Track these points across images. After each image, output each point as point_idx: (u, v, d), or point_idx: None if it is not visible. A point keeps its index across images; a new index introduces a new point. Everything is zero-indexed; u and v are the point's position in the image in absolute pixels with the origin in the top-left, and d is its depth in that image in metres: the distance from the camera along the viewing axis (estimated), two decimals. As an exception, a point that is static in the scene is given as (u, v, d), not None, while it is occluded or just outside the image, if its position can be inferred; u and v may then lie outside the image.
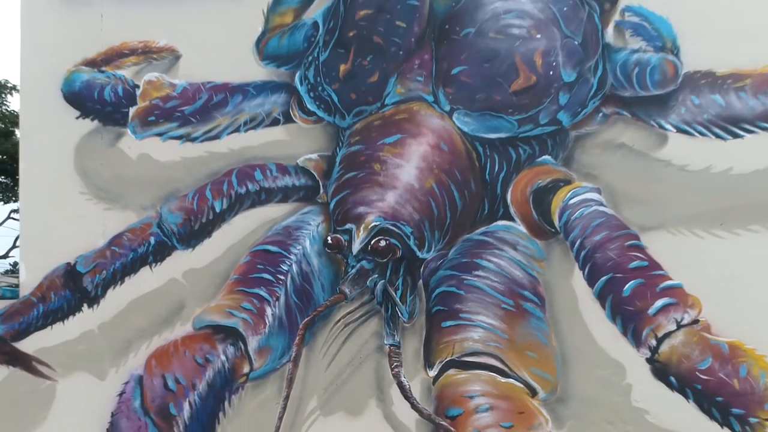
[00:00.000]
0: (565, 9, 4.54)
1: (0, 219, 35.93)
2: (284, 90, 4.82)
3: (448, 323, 4.55)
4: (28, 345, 4.92)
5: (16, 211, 34.41)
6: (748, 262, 4.45)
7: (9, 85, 26.87)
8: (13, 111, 27.68)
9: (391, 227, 4.51)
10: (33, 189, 5.01)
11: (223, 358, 4.71)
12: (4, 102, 27.35)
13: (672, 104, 4.49)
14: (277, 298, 4.72)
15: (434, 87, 4.63)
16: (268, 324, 4.70)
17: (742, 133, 4.46)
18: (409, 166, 4.57)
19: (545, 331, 4.53)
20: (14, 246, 39.10)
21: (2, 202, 33.89)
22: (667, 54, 4.49)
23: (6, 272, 35.22)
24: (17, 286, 5.61)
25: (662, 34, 4.52)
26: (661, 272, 4.43)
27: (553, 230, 4.55)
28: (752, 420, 4.30)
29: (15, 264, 36.61)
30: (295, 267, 4.74)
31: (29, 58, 4.96)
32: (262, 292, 4.72)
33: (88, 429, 4.82)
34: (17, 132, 28.36)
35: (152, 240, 4.83)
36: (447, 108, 4.60)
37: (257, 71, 4.81)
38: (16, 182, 30.54)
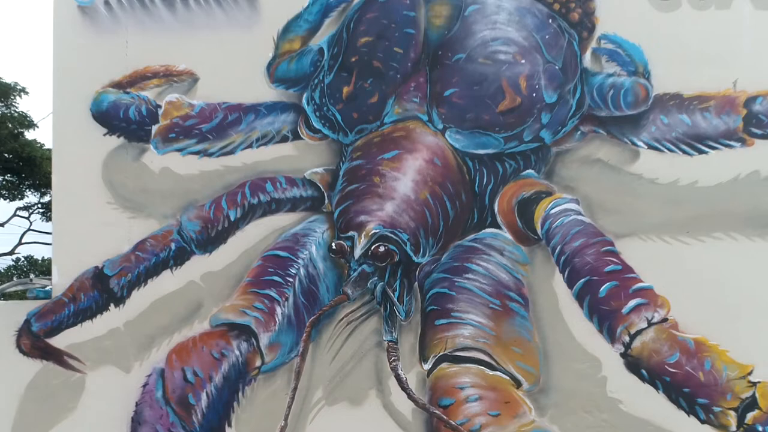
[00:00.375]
0: (546, 37, 4.93)
1: (6, 217, 36.16)
2: (292, 110, 5.20)
3: (441, 321, 4.93)
4: (59, 341, 5.31)
5: (21, 208, 34.67)
6: (712, 266, 4.84)
7: (18, 87, 27.05)
8: (22, 112, 27.81)
9: (389, 234, 4.90)
10: (64, 199, 5.40)
11: (237, 353, 5.09)
12: (13, 104, 27.54)
13: (643, 123, 4.87)
14: (286, 299, 5.10)
15: (428, 107, 5.02)
16: (278, 322, 5.08)
17: (706, 149, 4.85)
18: (405, 179, 4.96)
19: (529, 329, 4.91)
20: (20, 243, 39.38)
21: (8, 200, 34.17)
22: (639, 78, 4.87)
23: (9, 267, 35.42)
24: (31, 288, 6.03)
25: (635, 60, 4.90)
26: (633, 275, 4.82)
27: (536, 237, 4.93)
28: (716, 409, 4.67)
29: (17, 260, 36.83)
30: (302, 270, 5.12)
31: (61, 80, 5.36)
32: (273, 293, 5.11)
33: (115, 417, 5.20)
34: (25, 133, 28.54)
35: (173, 246, 5.22)
36: (440, 126, 4.99)
37: (268, 93, 5.19)
38: (21, 180, 30.77)
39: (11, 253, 41.51)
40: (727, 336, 4.78)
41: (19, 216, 35.37)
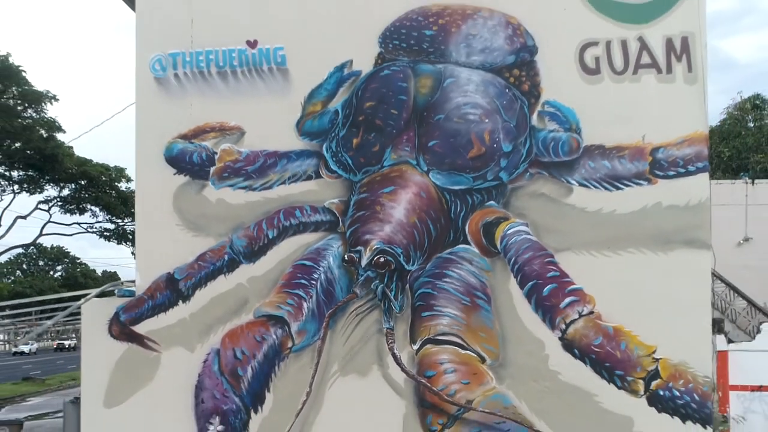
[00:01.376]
0: (504, 102, 6.41)
1: (27, 210, 37.32)
2: (315, 156, 6.64)
3: (426, 314, 6.40)
4: (141, 328, 6.75)
5: (43, 201, 35.94)
6: (626, 273, 6.27)
7: (50, 95, 28.21)
8: (51, 118, 28.99)
9: (387, 249, 6.38)
10: (145, 222, 6.87)
11: (273, 337, 6.57)
12: (43, 110, 28.71)
13: (576, 167, 6.33)
14: (311, 297, 6.57)
15: (417, 154, 6.48)
16: (304, 314, 6.55)
17: (622, 186, 6.31)
18: (399, 208, 6.44)
19: (491, 319, 6.37)
20: (41, 234, 40.59)
21: (29, 194, 35.35)
22: (573, 133, 6.35)
23: (19, 255, 36.59)
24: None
25: (569, 120, 6.36)
26: (568, 279, 6.27)
27: (496, 251, 6.37)
28: (629, 378, 6.12)
29: (38, 245, 37.95)
30: (322, 275, 6.59)
31: (141, 133, 6.82)
32: (301, 293, 6.57)
33: (182, 386, 6.65)
34: (57, 136, 29.84)
35: (226, 257, 6.68)
36: (425, 168, 6.46)
37: (297, 143, 6.63)
38: (41, 175, 32.11)
39: (33, 243, 42.71)
40: (637, 324, 6.21)
41: (40, 209, 36.69)
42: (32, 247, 39.62)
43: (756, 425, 17.78)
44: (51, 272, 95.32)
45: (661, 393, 6.15)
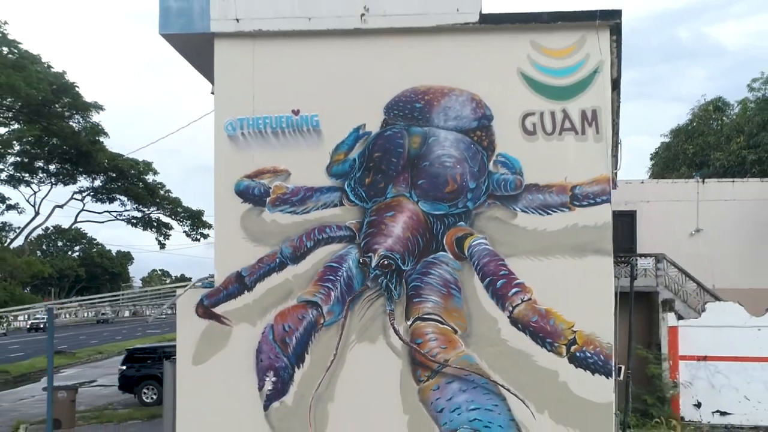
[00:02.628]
0: (470, 154, 8.98)
1: (64, 200, 39.45)
2: (339, 190, 9.20)
3: (416, 299, 9.02)
4: (218, 309, 9.35)
5: (77, 192, 38.21)
6: (553, 272, 8.86)
7: (97, 104, 30.32)
8: (95, 123, 31.18)
9: (389, 255, 8.97)
10: (222, 236, 9.41)
11: (310, 316, 9.13)
12: (88, 117, 30.81)
13: (519, 199, 8.92)
14: (336, 288, 9.13)
15: (410, 189, 9.05)
16: (332, 300, 9.12)
17: (551, 213, 8.89)
18: (398, 226, 9.02)
19: (461, 303, 8.94)
20: (75, 221, 43.01)
21: (63, 185, 37.53)
22: (517, 175, 8.94)
23: (39, 236, 38.37)
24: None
25: (515, 166, 8.94)
26: (514, 276, 8.88)
27: (464, 256, 8.95)
28: (556, 344, 8.74)
29: (47, 229, 40.05)
30: (344, 273, 9.15)
31: (219, 174, 9.35)
32: (329, 285, 9.14)
33: (247, 350, 9.21)
34: (100, 139, 32.13)
35: (277, 260, 9.23)
36: (416, 199, 9.04)
37: (327, 181, 9.21)
38: (76, 167, 34.26)
39: (69, 229, 45.29)
40: (561, 307, 8.88)
41: (75, 199, 38.96)
42: (51, 228, 41.96)
43: (700, 388, 20.51)
44: (69, 252, 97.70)
45: (578, 354, 8.79)
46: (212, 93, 13.32)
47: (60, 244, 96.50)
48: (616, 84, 10.58)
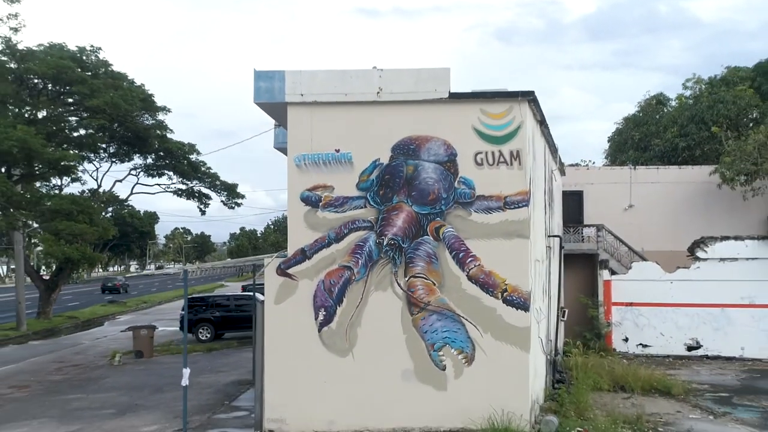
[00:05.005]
0: (443, 177, 14.15)
1: (122, 176, 44.07)
2: (364, 198, 14.34)
3: (410, 265, 14.30)
4: (290, 271, 14.42)
5: (134, 168, 43.16)
6: (493, 248, 14.08)
7: (165, 108, 35.28)
8: (161, 121, 36.11)
9: (394, 238, 14.17)
10: (293, 226, 14.50)
11: (346, 275, 14.37)
12: (156, 116, 35.66)
13: (473, 204, 14.03)
14: (362, 257, 14.33)
15: (407, 198, 14.18)
16: (359, 265, 14.37)
17: (492, 212, 14.01)
18: (399, 221, 14.19)
19: (438, 267, 14.18)
20: (132, 192, 48.21)
21: (120, 162, 42.48)
22: (472, 190, 14.04)
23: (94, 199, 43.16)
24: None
25: (471, 185, 14.05)
26: (471, 251, 14.14)
27: (440, 239, 14.14)
28: (495, 292, 14.07)
29: (93, 190, 45.06)
30: (367, 248, 14.35)
31: (292, 187, 14.36)
32: (358, 256, 14.37)
33: (308, 294, 14.37)
34: (166, 134, 37.02)
35: (326, 240, 14.40)
36: (410, 204, 14.25)
37: (356, 192, 14.33)
38: (132, 147, 39.16)
39: (126, 200, 50.81)
40: (498, 269, 14.14)
41: (131, 174, 43.97)
42: (87, 192, 46.70)
43: (627, 327, 25.74)
44: (103, 213, 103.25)
45: (508, 298, 13.99)
46: (276, 126, 18.53)
47: (94, 206, 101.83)
48: (543, 121, 15.67)
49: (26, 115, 29.18)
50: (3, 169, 29.29)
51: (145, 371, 23.94)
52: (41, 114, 31.06)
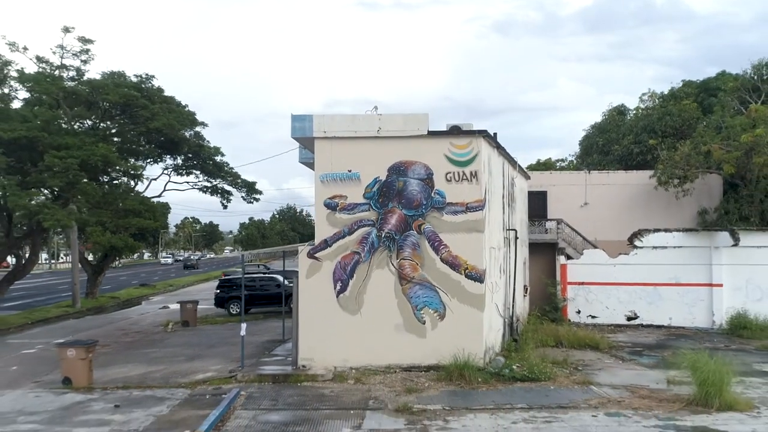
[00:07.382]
0: (424, 189, 19.91)
1: (156, 174, 49.19)
2: (368, 204, 20.06)
3: (401, 251, 20.08)
4: (317, 256, 20.08)
5: (165, 168, 48.53)
6: (459, 239, 19.88)
7: (203, 122, 40.83)
8: (197, 131, 41.68)
9: (389, 232, 19.90)
10: (318, 224, 20.19)
11: (356, 257, 20.14)
12: (193, 128, 41.15)
13: (444, 209, 19.76)
14: (366, 244, 20.10)
15: (398, 204, 19.91)
16: (365, 251, 20.14)
17: (458, 214, 19.77)
18: (393, 219, 19.91)
19: (420, 252, 19.94)
20: (164, 189, 53.72)
21: (155, 162, 48.00)
22: (444, 199, 19.83)
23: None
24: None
25: (443, 195, 19.87)
26: (443, 242, 19.94)
27: (421, 233, 19.83)
28: (460, 270, 19.79)
29: (127, 183, 50.51)
30: (371, 239, 20.14)
31: (318, 197, 20.04)
32: (365, 243, 20.17)
33: (329, 271, 20.13)
34: (202, 143, 42.51)
35: (342, 234, 20.07)
36: (401, 209, 19.97)
37: (363, 200, 20.04)
38: (163, 151, 44.51)
39: (159, 196, 56.56)
40: (462, 254, 20.00)
41: (164, 174, 49.40)
42: (106, 186, 51.93)
43: (579, 302, 31.66)
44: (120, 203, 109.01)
45: (469, 273, 19.79)
46: (301, 147, 24.18)
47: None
48: (499, 146, 21.38)
49: (99, 134, 34.55)
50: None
51: (195, 335, 29.64)
52: (112, 130, 36.57)
